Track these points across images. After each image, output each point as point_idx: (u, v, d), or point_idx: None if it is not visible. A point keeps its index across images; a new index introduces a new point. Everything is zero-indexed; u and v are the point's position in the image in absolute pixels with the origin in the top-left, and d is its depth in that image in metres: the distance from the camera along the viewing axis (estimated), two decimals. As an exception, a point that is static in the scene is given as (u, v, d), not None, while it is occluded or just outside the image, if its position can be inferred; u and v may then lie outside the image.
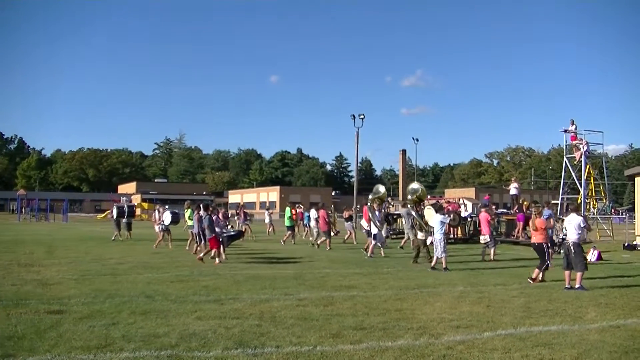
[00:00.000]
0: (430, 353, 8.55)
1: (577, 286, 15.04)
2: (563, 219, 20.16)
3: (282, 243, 31.81)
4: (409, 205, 24.25)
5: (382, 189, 28.48)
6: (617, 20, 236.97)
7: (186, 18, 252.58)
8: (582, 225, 15.71)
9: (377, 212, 24.99)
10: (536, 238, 17.06)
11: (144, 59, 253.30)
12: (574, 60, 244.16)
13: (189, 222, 26.14)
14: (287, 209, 34.05)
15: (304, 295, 13.79)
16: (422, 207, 22.69)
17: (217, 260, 20.55)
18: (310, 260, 22.62)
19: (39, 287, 14.36)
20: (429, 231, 20.99)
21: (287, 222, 33.79)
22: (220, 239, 21.51)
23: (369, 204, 27.20)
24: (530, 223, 17.49)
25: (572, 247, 15.37)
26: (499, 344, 9.14)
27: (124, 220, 33.93)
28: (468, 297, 13.90)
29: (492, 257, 22.97)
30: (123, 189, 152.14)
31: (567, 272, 15.35)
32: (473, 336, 9.67)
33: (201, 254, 21.26)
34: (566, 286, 15.12)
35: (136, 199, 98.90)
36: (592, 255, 23.79)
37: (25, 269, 18.25)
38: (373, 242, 24.30)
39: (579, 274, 15.17)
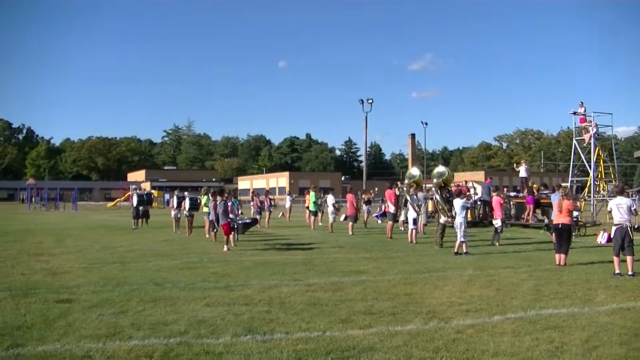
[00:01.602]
0: (439, 337, 8.54)
1: (630, 272, 14.59)
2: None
3: (312, 229, 31.55)
4: (434, 189, 24.09)
5: (416, 172, 28.11)
6: (628, 2, 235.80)
7: (195, 5, 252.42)
8: (633, 208, 15.35)
9: (415, 197, 24.94)
10: (564, 219, 16.66)
11: (152, 48, 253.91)
12: (583, 43, 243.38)
13: (205, 209, 26.12)
14: (312, 193, 33.43)
15: (313, 280, 13.81)
16: (447, 191, 22.39)
17: (225, 247, 20.53)
18: (319, 245, 22.65)
19: (48, 276, 14.38)
20: (452, 216, 20.86)
21: (312, 207, 33.26)
22: (235, 226, 21.56)
23: (405, 188, 27.09)
24: (557, 204, 17.04)
25: (630, 231, 15.03)
26: (509, 327, 9.13)
27: (142, 208, 33.66)
28: (477, 280, 13.89)
29: (497, 243, 22.79)
30: (132, 176, 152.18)
31: (617, 258, 14.90)
32: (483, 320, 9.67)
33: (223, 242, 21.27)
34: (616, 272, 14.63)
35: (146, 187, 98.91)
36: (601, 238, 23.71)
37: (34, 258, 18.27)
38: (414, 227, 24.23)
39: (630, 258, 14.83)
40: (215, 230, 23.32)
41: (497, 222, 23.06)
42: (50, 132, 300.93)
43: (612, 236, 15.61)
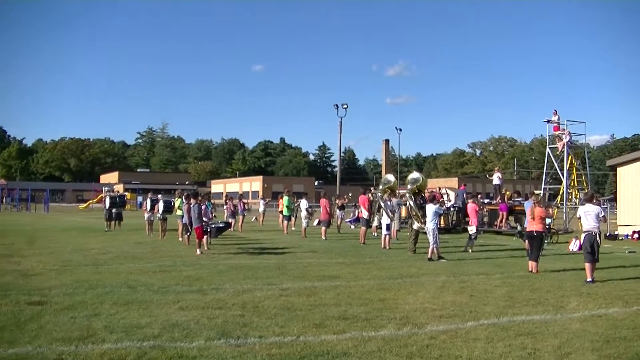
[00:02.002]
0: (413, 343, 8.56)
1: (589, 279, 14.74)
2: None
3: (286, 233, 31.75)
4: (408, 195, 24.15)
5: (391, 178, 28.26)
6: (600, 12, 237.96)
7: (170, 7, 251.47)
8: (601, 215, 15.47)
9: (389, 202, 25.00)
10: (537, 227, 16.75)
11: (126, 50, 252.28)
12: (556, 51, 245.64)
13: (179, 212, 25.97)
14: (286, 197, 33.42)
15: (287, 285, 13.80)
16: (421, 198, 22.41)
17: (198, 250, 20.45)
18: (293, 250, 22.65)
19: (20, 278, 14.27)
20: (425, 222, 20.89)
21: (285, 212, 33.25)
22: (209, 229, 21.51)
23: (379, 193, 27.15)
24: (529, 211, 17.21)
25: (597, 238, 15.18)
26: (482, 333, 9.17)
27: (115, 210, 33.45)
28: (451, 286, 13.95)
29: (470, 250, 22.86)
30: (105, 178, 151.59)
31: (590, 265, 14.98)
32: (456, 326, 9.70)
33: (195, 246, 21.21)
34: (588, 279, 14.75)
35: (119, 189, 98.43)
36: (573, 245, 23.90)
37: (5, 260, 18.12)
38: (387, 233, 24.25)
39: (592, 264, 14.97)
40: (188, 234, 23.29)
41: (471, 229, 23.19)
42: (22, 132, 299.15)
43: (582, 243, 15.70)
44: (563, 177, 38.56)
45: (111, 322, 9.50)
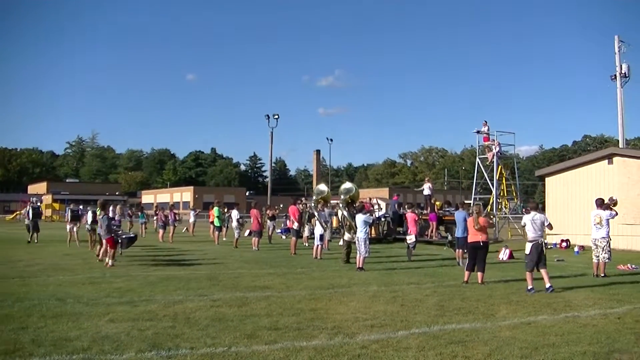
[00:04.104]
0: (344, 352, 8.59)
1: (548, 286, 14.87)
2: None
3: (217, 244, 31.83)
4: (340, 205, 24.24)
5: (324, 188, 28.44)
6: (528, 21, 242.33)
7: (99, 13, 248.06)
8: (546, 223, 15.49)
9: (322, 212, 25.03)
10: (482, 237, 16.45)
11: (55, 56, 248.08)
12: (486, 61, 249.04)
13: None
14: (216, 208, 33.48)
15: (218, 296, 13.76)
16: (355, 208, 22.45)
17: (109, 262, 19.98)
18: (224, 260, 22.56)
19: (-56, 291, 13.95)
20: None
21: (216, 222, 33.37)
22: (119, 240, 21.12)
23: (313, 204, 27.21)
24: (474, 222, 16.59)
25: (544, 246, 15.36)
26: (413, 342, 9.24)
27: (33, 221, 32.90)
28: (382, 296, 14.03)
29: (410, 258, 23.09)
30: (33, 189, 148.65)
31: (530, 274, 15.11)
32: (387, 335, 9.76)
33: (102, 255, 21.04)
34: (529, 287, 14.81)
35: (47, 200, 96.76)
36: (503, 254, 24.26)
37: None
38: (320, 243, 24.29)
39: (545, 272, 15.13)
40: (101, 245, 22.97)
41: (410, 238, 23.40)
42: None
43: (527, 252, 15.59)
44: (493, 187, 39.18)
45: (39, 336, 9.35)
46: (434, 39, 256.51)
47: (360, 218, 20.18)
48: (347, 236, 21.95)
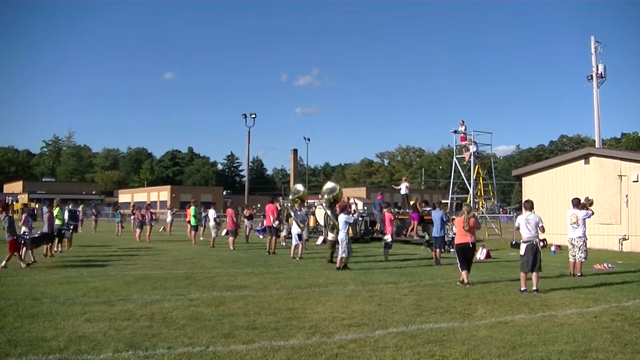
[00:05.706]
0: (322, 352, 8.59)
1: (535, 288, 14.74)
2: (454, 219, 20.16)
3: (193, 243, 31.82)
4: (324, 205, 24.22)
5: (301, 187, 28.52)
6: (504, 22, 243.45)
7: (77, 10, 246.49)
8: (540, 224, 15.30)
9: (299, 212, 25.00)
10: (471, 238, 16.29)
11: (31, 53, 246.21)
12: (463, 62, 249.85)
13: (57, 222, 24.77)
14: (193, 207, 33.36)
15: (195, 295, 13.73)
16: (338, 207, 22.38)
17: (22, 264, 19.42)
18: (201, 260, 22.56)
19: None
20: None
21: (192, 222, 33.27)
22: (23, 242, 20.08)
23: (289, 203, 27.23)
24: (463, 223, 16.25)
25: (539, 247, 15.29)
26: (391, 341, 9.25)
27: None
28: (359, 295, 14.04)
29: (386, 257, 23.15)
30: (9, 188, 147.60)
31: (525, 275, 15.07)
32: (365, 334, 9.77)
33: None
34: (522, 289, 14.81)
35: (23, 199, 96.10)
36: (480, 254, 24.33)
37: None
38: (298, 242, 24.23)
39: (536, 275, 15.01)
40: (50, 244, 22.71)
41: (387, 237, 23.41)
42: None
43: (521, 253, 15.40)
44: (470, 186, 39.33)
45: (15, 336, 9.30)
46: (410, 41, 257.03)
47: (341, 218, 20.21)
48: (331, 236, 21.93)
